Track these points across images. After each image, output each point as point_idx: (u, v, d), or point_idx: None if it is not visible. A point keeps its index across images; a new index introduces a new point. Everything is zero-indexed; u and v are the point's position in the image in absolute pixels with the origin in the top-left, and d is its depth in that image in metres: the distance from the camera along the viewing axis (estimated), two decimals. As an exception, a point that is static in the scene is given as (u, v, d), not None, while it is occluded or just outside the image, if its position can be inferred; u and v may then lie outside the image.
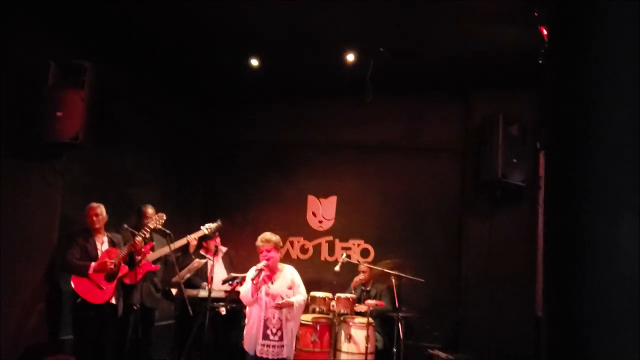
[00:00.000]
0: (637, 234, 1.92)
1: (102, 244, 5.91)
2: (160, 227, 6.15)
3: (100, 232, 5.92)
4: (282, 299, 5.00)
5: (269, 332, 4.93)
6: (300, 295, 5.15)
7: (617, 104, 2.00)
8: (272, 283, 5.06)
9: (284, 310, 4.99)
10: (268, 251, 5.04)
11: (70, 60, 5.73)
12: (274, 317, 4.95)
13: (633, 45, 2.05)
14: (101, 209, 5.91)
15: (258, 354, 4.90)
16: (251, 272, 5.09)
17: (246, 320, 5.13)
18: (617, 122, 1.99)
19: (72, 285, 5.63)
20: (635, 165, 1.93)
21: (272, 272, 5.09)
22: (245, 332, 5.08)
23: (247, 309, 5.14)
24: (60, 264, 5.84)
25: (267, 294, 5.00)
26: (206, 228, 6.65)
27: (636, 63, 2.00)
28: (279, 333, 4.93)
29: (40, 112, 5.54)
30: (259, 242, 5.09)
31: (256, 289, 4.96)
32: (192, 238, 6.58)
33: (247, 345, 4.99)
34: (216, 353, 7.21)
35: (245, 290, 5.04)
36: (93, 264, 5.67)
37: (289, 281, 5.13)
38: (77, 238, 5.80)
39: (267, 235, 5.13)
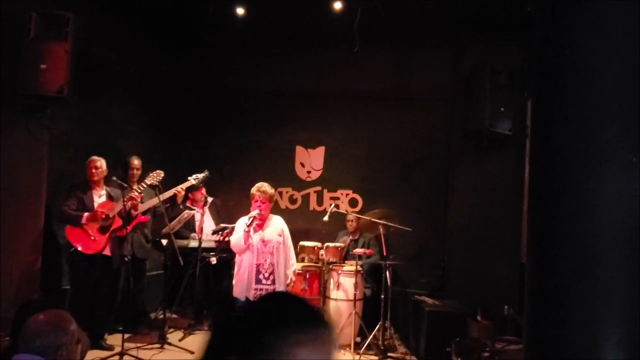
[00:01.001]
0: (620, 189, 1.96)
1: (100, 197, 6.00)
2: (156, 183, 6.19)
3: (99, 185, 6.02)
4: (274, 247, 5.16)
5: (261, 276, 5.08)
6: (292, 259, 5.39)
7: (605, 57, 2.00)
8: (263, 231, 5.19)
9: (275, 255, 5.10)
10: (263, 202, 5.15)
11: (52, 11, 5.61)
12: (265, 262, 5.09)
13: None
14: (101, 162, 5.99)
15: (252, 298, 5.00)
16: (240, 222, 5.16)
17: (236, 269, 5.22)
18: (605, 74, 1.99)
19: (66, 235, 5.76)
20: (620, 120, 1.95)
21: (262, 220, 5.22)
22: (236, 279, 5.19)
23: (237, 258, 5.23)
24: (56, 214, 5.95)
25: (260, 240, 5.15)
26: (193, 178, 6.66)
27: (627, 15, 1.99)
28: (272, 277, 5.10)
29: (23, 65, 5.46)
30: (255, 191, 5.17)
31: (248, 235, 5.06)
32: (180, 189, 6.62)
33: (239, 292, 5.10)
34: (207, 302, 7.35)
35: (237, 238, 5.15)
36: (86, 214, 5.76)
37: (279, 229, 5.29)
38: (75, 190, 5.92)
39: (265, 186, 5.22)
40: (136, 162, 6.67)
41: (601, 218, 2.02)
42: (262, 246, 5.13)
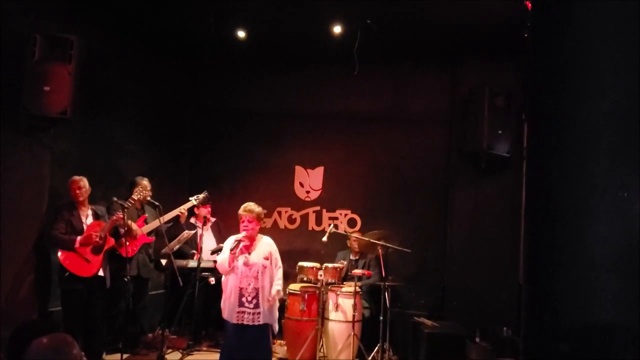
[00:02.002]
0: (612, 219, 2.01)
1: (87, 217, 5.94)
2: (146, 198, 6.20)
3: (84, 205, 5.95)
4: (258, 270, 5.03)
5: (244, 299, 4.95)
6: (278, 278, 5.18)
7: (597, 92, 2.06)
8: (250, 254, 5.07)
9: (260, 279, 5.00)
10: (250, 221, 5.03)
11: (57, 33, 5.69)
12: (249, 286, 4.97)
13: (615, 29, 2.10)
14: (84, 182, 5.92)
15: (235, 321, 4.95)
16: (229, 242, 5.12)
17: (223, 290, 5.15)
18: (597, 109, 2.05)
19: (60, 260, 5.68)
20: (611, 150, 2.01)
21: (251, 241, 5.10)
22: (222, 301, 5.11)
23: (224, 278, 5.17)
24: (47, 239, 5.88)
25: (244, 264, 5.03)
26: (195, 199, 6.76)
27: (619, 53, 2.05)
28: (255, 301, 4.95)
29: (27, 86, 5.52)
30: (241, 211, 5.08)
31: (233, 258, 4.99)
32: (183, 210, 6.69)
33: (227, 314, 5.04)
34: (205, 322, 7.35)
35: (222, 259, 5.06)
36: (79, 237, 5.72)
37: (266, 252, 5.12)
38: (62, 212, 5.84)
39: (251, 205, 5.12)
40: (145, 182, 6.61)
41: (594, 245, 2.07)
42: (247, 270, 5.00)
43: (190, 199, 6.78)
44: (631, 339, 2.03)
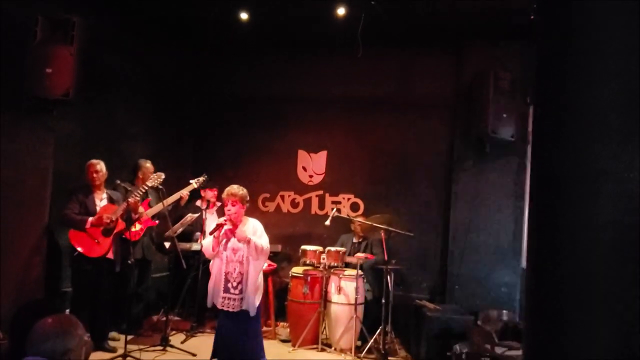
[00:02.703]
0: (617, 202, 2.00)
1: (101, 200, 6.03)
2: (157, 185, 6.23)
3: (100, 188, 6.04)
4: (243, 254, 4.90)
5: (229, 285, 4.87)
6: (260, 239, 4.97)
7: (605, 74, 2.04)
8: (234, 237, 4.93)
9: (245, 264, 4.88)
10: (233, 205, 4.90)
11: (59, 14, 5.65)
12: (234, 271, 4.88)
13: (622, 11, 2.08)
14: (101, 166, 6.00)
15: (219, 307, 4.90)
16: (213, 226, 5.04)
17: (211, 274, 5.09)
18: (602, 91, 2.03)
19: (70, 239, 5.74)
20: (617, 132, 1.99)
21: (235, 226, 4.95)
22: (209, 285, 5.05)
23: (211, 262, 5.12)
24: (59, 218, 5.94)
25: (224, 248, 4.94)
26: (195, 182, 6.78)
27: (628, 36, 2.03)
28: (240, 287, 4.86)
29: (29, 68, 5.49)
30: (224, 194, 4.96)
31: (217, 242, 4.91)
32: (186, 193, 6.72)
33: (210, 298, 4.98)
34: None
35: (207, 243, 5.00)
36: (90, 218, 5.79)
37: (250, 234, 4.94)
38: (77, 194, 5.94)
39: (235, 188, 5.00)
40: (148, 165, 6.65)
41: (599, 229, 2.06)
42: (232, 254, 4.91)
43: (191, 181, 6.80)
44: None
